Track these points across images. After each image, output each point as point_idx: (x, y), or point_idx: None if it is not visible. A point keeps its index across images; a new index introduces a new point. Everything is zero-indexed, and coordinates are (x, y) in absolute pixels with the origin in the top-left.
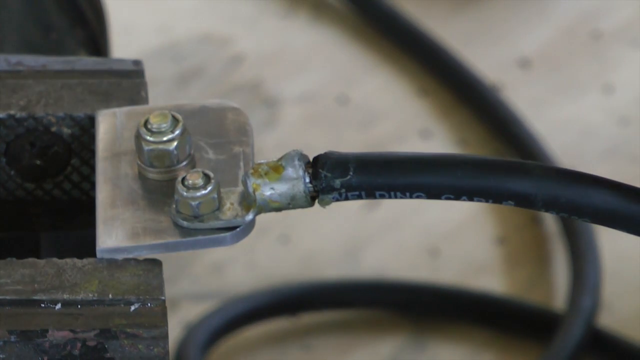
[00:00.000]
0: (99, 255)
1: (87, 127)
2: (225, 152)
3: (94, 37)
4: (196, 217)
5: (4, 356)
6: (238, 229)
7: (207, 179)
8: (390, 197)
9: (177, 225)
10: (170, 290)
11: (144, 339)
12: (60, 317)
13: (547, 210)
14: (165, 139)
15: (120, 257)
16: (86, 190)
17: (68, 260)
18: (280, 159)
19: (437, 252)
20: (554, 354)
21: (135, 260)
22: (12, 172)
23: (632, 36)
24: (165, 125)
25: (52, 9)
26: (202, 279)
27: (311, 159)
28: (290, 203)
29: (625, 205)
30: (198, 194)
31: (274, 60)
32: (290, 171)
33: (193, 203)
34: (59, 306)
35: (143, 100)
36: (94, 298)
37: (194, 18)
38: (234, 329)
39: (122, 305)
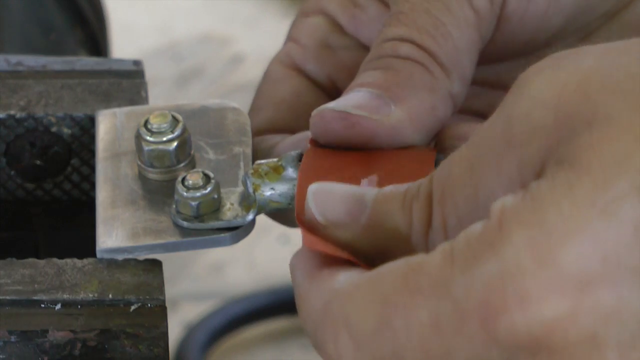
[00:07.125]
0: (99, 255)
1: (87, 127)
2: (225, 152)
3: (94, 37)
4: (196, 217)
5: (4, 356)
6: (238, 229)
7: (207, 179)
8: None
9: (177, 225)
10: (170, 290)
11: (144, 339)
12: (60, 317)
13: None
14: (165, 139)
15: (120, 257)
16: (86, 190)
17: (68, 260)
18: (280, 159)
19: None
20: None
21: (135, 260)
22: (12, 172)
23: None
24: (165, 126)
25: (52, 9)
26: (202, 279)
27: None
28: (290, 203)
29: None
30: (198, 194)
31: None
32: (290, 171)
33: (193, 203)
34: (59, 306)
35: (143, 100)
36: (94, 298)
37: (194, 18)
38: (234, 329)
39: (122, 305)
